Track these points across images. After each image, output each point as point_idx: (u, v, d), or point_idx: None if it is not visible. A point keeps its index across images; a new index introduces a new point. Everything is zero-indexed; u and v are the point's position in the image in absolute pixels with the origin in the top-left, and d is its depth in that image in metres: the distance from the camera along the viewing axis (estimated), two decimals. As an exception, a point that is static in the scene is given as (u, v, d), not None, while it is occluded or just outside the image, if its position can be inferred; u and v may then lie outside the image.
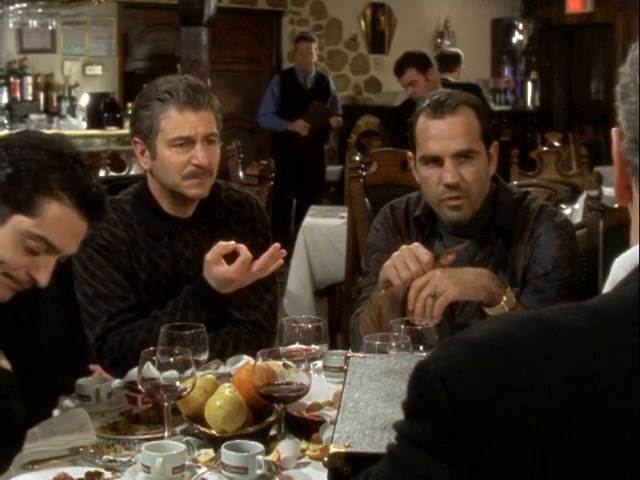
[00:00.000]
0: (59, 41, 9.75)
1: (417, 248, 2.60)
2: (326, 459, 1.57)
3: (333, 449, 1.57)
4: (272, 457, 2.04)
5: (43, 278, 2.10)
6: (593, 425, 0.95)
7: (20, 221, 2.06)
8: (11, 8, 8.25)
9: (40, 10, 8.82)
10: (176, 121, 2.78)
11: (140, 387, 2.19)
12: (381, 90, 11.53)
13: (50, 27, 9.38)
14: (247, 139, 10.38)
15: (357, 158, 4.61)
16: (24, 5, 8.12)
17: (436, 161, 2.78)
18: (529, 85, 12.69)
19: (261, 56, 10.94)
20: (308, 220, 6.13)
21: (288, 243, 7.79)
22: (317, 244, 5.82)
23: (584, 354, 0.98)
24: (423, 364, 1.04)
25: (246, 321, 2.90)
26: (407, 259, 2.57)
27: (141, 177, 3.04)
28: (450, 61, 8.16)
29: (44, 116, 9.39)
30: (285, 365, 2.18)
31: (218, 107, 2.88)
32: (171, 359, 2.15)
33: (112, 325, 2.76)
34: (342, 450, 1.57)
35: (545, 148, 6.78)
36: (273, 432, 2.20)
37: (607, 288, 1.10)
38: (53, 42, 9.74)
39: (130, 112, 2.89)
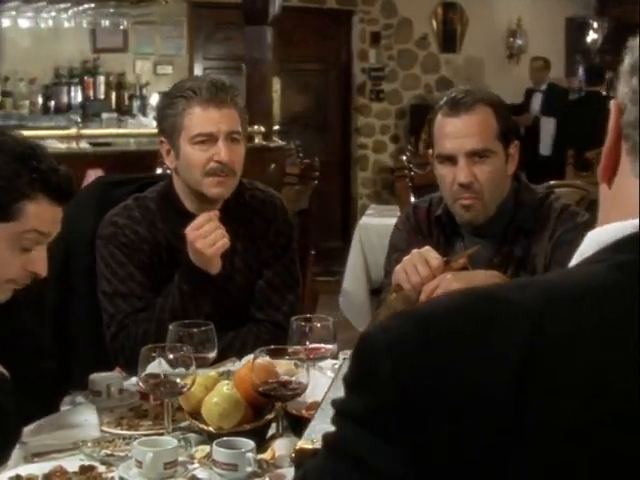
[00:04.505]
0: (130, 40, 9.87)
1: (428, 252, 2.58)
2: (292, 455, 1.57)
3: (300, 445, 1.57)
4: (267, 455, 2.04)
5: (42, 270, 2.19)
6: (551, 400, 0.90)
7: (6, 228, 2.11)
8: (80, 8, 8.36)
9: (111, 10, 8.92)
10: (199, 118, 2.78)
11: (141, 384, 2.21)
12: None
13: (122, 27, 9.48)
14: (316, 137, 10.42)
15: (404, 157, 4.60)
16: (92, 5, 8.22)
17: (451, 160, 2.75)
18: (604, 85, 12.48)
19: (330, 55, 10.93)
20: (364, 219, 6.21)
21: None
22: (372, 243, 5.85)
23: (537, 332, 0.93)
24: (368, 334, 0.97)
25: (267, 321, 2.90)
26: (417, 263, 2.55)
27: (167, 176, 3.06)
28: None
29: (115, 115, 9.49)
30: (295, 365, 2.19)
31: (243, 107, 2.88)
32: (171, 356, 2.17)
33: (126, 323, 2.77)
34: (309, 446, 1.57)
35: (604, 148, 6.66)
36: (273, 430, 2.19)
37: (575, 261, 1.05)
38: (125, 41, 9.87)
39: (155, 113, 2.91)
